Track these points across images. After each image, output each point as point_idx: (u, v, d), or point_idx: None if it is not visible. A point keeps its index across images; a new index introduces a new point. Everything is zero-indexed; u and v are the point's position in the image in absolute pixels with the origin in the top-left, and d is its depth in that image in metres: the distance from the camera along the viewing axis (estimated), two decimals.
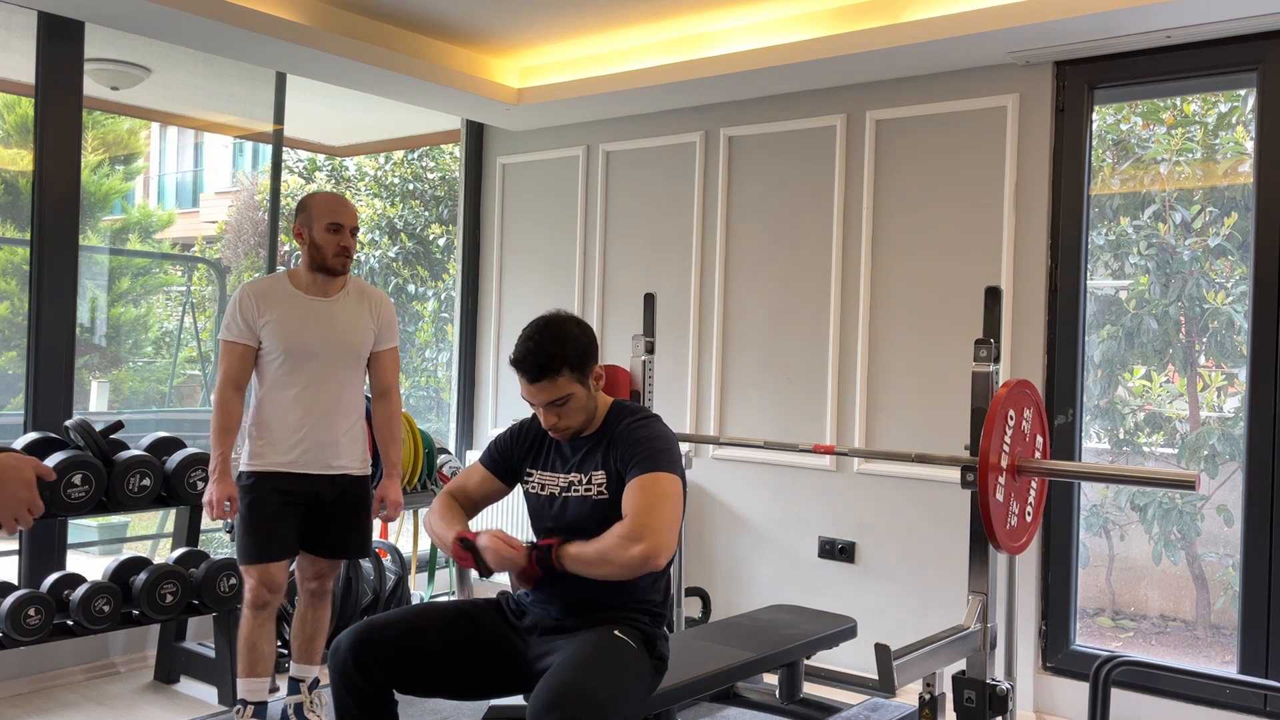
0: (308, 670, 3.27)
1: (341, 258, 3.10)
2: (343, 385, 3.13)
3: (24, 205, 3.80)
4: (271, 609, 3.08)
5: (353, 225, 3.13)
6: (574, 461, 2.44)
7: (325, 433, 3.09)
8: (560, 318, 2.41)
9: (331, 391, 3.10)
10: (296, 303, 3.09)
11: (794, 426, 4.25)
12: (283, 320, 3.06)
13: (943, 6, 3.52)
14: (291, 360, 3.06)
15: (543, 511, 2.49)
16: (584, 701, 2.06)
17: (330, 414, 3.10)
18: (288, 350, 3.06)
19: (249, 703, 3.08)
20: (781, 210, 4.32)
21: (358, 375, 3.19)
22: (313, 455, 3.08)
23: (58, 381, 3.74)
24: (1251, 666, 3.35)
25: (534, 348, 2.33)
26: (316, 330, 3.08)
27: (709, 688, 2.70)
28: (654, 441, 2.34)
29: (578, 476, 2.42)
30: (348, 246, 3.11)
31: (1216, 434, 3.79)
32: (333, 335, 3.10)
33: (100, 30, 3.80)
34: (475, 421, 5.32)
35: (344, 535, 3.20)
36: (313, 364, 3.08)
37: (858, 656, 3.71)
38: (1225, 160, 3.76)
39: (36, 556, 3.70)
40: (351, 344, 3.14)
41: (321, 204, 3.11)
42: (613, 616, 2.38)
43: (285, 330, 3.05)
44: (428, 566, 4.22)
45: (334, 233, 3.08)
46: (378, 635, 2.33)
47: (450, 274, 5.86)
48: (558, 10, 3.96)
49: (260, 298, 3.07)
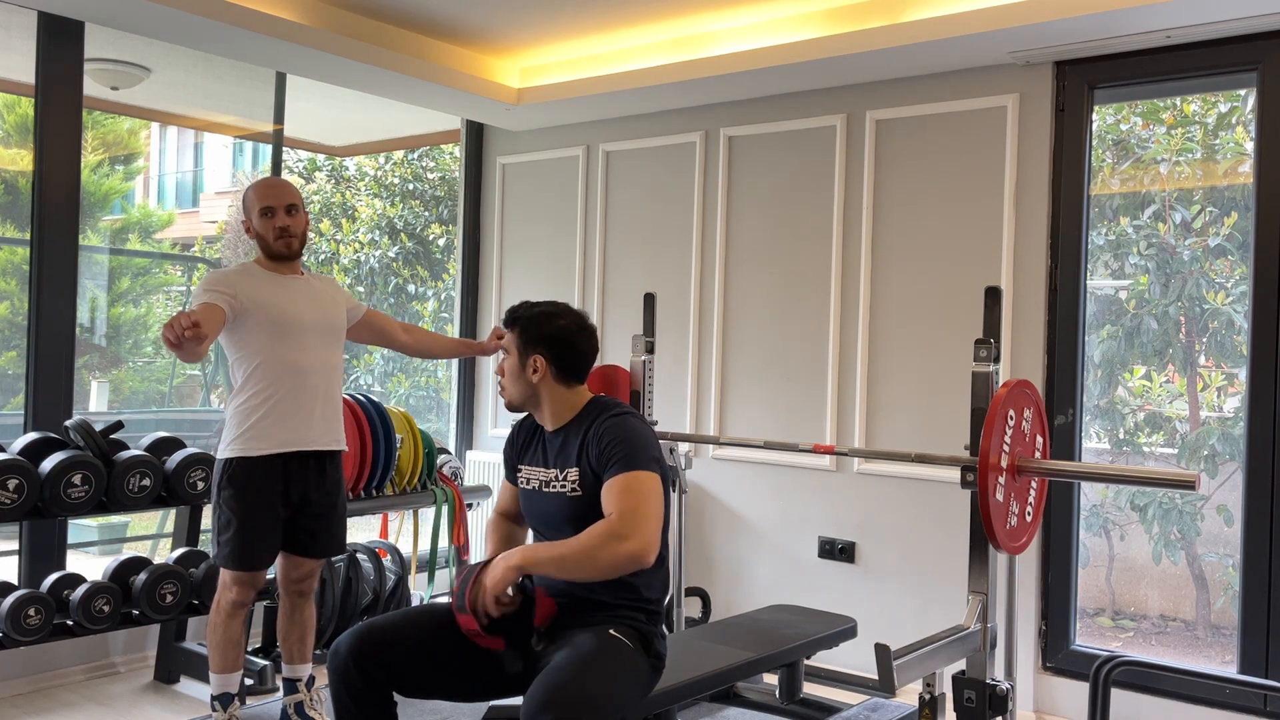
0: (301, 669, 3.26)
1: (283, 239, 3.04)
2: (336, 362, 3.14)
3: (24, 205, 3.80)
4: (250, 606, 3.11)
5: (286, 203, 3.04)
6: (553, 457, 2.47)
7: (329, 404, 3.09)
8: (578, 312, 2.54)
9: (326, 357, 3.10)
10: (271, 282, 3.05)
11: (794, 426, 4.25)
12: (264, 298, 3.00)
13: (943, 6, 3.52)
14: (283, 333, 3.00)
15: (531, 506, 2.52)
16: (578, 701, 2.06)
17: (330, 381, 3.10)
18: (277, 323, 2.99)
19: (232, 695, 3.12)
20: (781, 210, 4.32)
21: (341, 347, 3.19)
22: (321, 429, 3.06)
23: (58, 381, 3.74)
24: (1251, 666, 3.35)
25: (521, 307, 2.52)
26: (299, 303, 3.06)
27: (709, 688, 2.70)
28: (631, 440, 2.33)
29: (555, 472, 2.44)
30: (285, 226, 3.04)
31: (1216, 434, 3.79)
32: (314, 307, 3.08)
33: (100, 30, 3.80)
34: (475, 421, 5.32)
35: (327, 534, 3.15)
36: (304, 334, 3.04)
37: (858, 656, 3.71)
38: (1225, 160, 3.76)
39: (36, 556, 3.70)
40: (331, 313, 3.14)
41: (252, 193, 3.08)
42: (609, 615, 2.38)
43: (270, 305, 2.99)
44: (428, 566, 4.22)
45: (268, 217, 3.04)
46: (378, 637, 2.33)
47: (450, 274, 5.86)
48: (558, 10, 3.96)
49: (231, 281, 2.98)
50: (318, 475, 3.10)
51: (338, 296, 3.21)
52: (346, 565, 4.02)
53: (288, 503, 3.05)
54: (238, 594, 3.02)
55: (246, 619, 3.13)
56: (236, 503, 2.97)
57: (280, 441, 2.99)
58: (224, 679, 3.10)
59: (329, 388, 3.11)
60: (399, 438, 4.11)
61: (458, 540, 4.32)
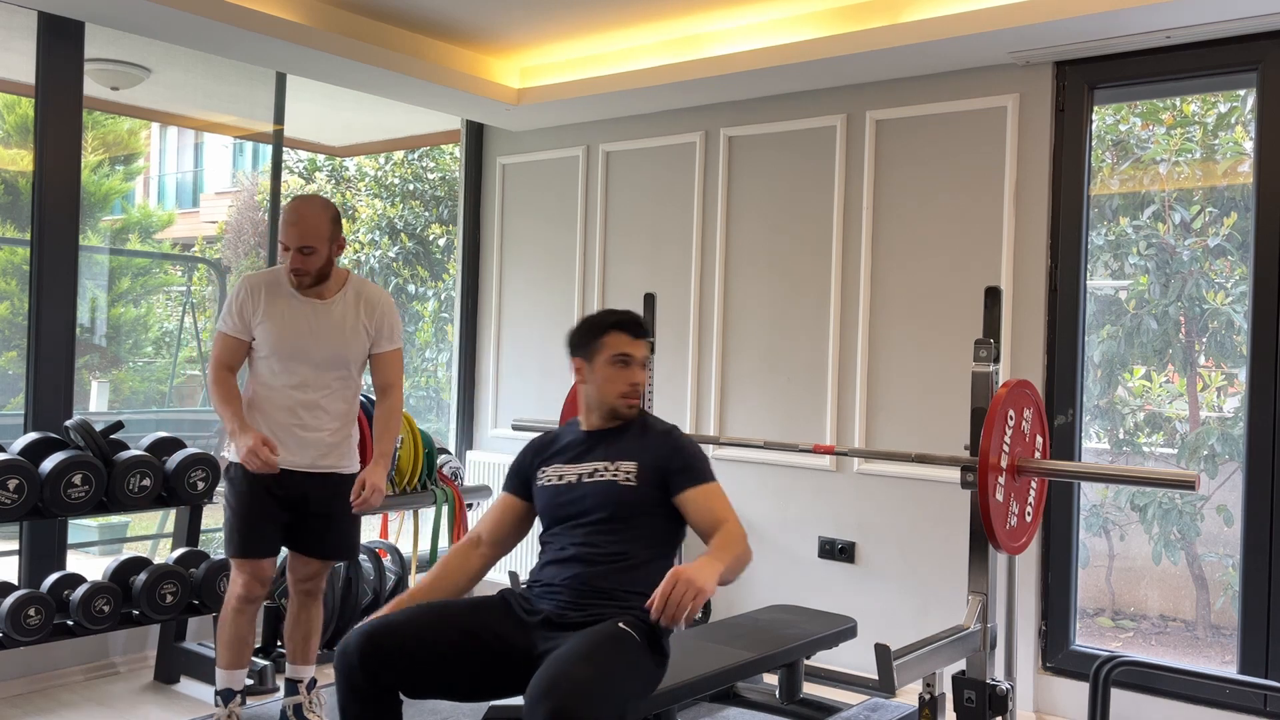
0: (303, 670, 3.27)
1: (296, 276, 3.03)
2: (332, 388, 3.11)
3: (24, 205, 3.80)
4: (259, 603, 3.13)
5: (300, 245, 2.97)
6: (597, 452, 2.62)
7: (312, 432, 3.08)
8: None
9: (320, 394, 3.09)
10: (292, 304, 3.07)
11: (794, 426, 4.25)
12: (276, 320, 3.05)
13: (943, 6, 3.52)
14: (281, 361, 3.06)
15: (558, 499, 2.60)
16: (577, 691, 2.07)
17: (318, 415, 3.08)
18: (276, 351, 3.05)
19: (235, 691, 3.15)
20: (782, 210, 4.32)
21: (350, 378, 3.16)
22: (298, 454, 3.06)
23: (58, 381, 3.74)
24: (1251, 666, 3.35)
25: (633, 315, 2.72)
26: (306, 334, 3.06)
27: (709, 688, 2.70)
28: (698, 454, 2.61)
29: (603, 464, 2.58)
30: (298, 268, 3.00)
31: (1216, 434, 3.79)
32: (322, 340, 3.07)
33: (100, 30, 3.80)
34: (475, 422, 5.32)
35: (334, 536, 3.17)
36: (301, 366, 3.06)
37: (858, 656, 3.71)
38: (1225, 160, 3.76)
39: (36, 556, 3.70)
40: (340, 350, 3.09)
41: (282, 214, 3.06)
42: (620, 606, 2.41)
43: (276, 331, 3.04)
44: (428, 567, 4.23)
45: (285, 249, 3.02)
46: (385, 637, 2.33)
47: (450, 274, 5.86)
48: (558, 10, 3.96)
49: (258, 293, 3.06)
50: (316, 480, 3.11)
51: (361, 326, 3.12)
52: (346, 565, 4.02)
53: (286, 502, 3.08)
54: (241, 586, 3.06)
55: (255, 618, 3.16)
56: (235, 499, 3.07)
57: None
58: (228, 675, 3.15)
59: (327, 415, 3.09)
60: (399, 438, 4.12)
61: (458, 540, 4.32)
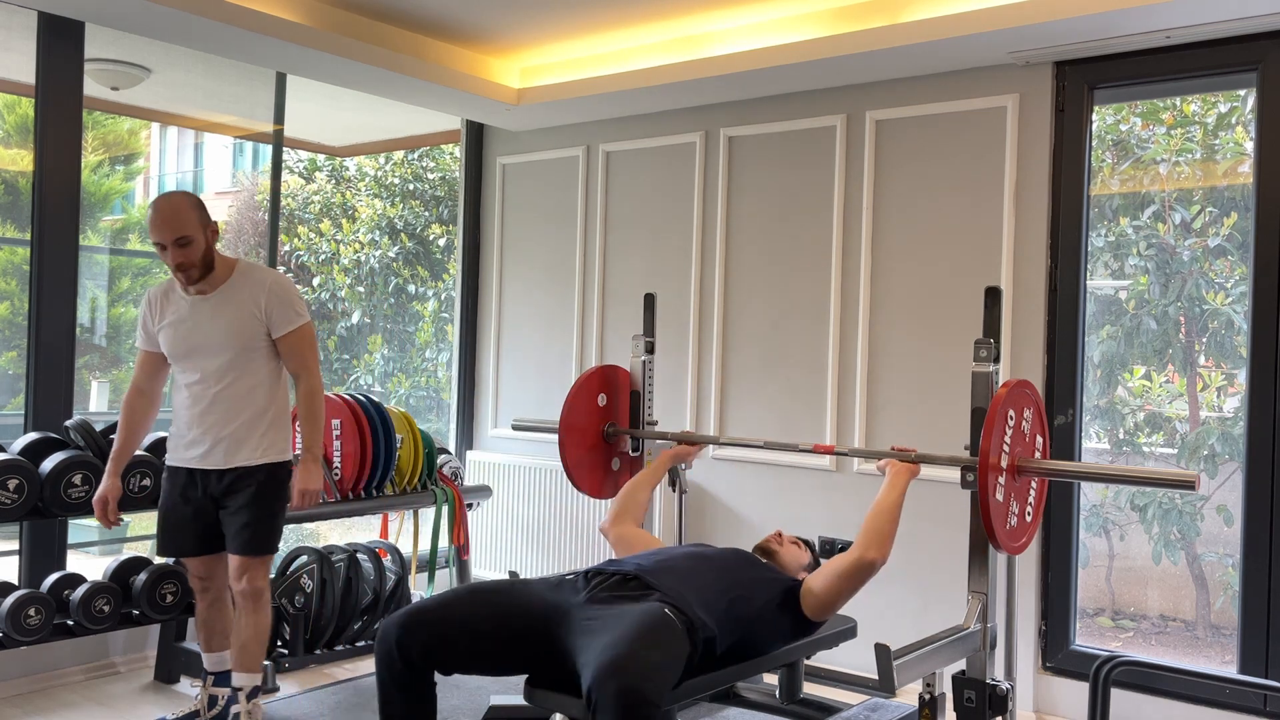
0: (242, 678, 3.15)
1: (180, 273, 3.00)
2: (229, 380, 3.06)
3: (24, 205, 3.80)
4: (210, 595, 3.24)
5: (175, 237, 2.93)
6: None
7: (220, 428, 3.06)
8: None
9: (219, 387, 3.06)
10: (180, 305, 3.10)
11: (794, 426, 4.25)
12: (169, 323, 3.10)
13: (943, 6, 3.52)
14: (178, 361, 3.11)
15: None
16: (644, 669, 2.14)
17: (222, 409, 3.07)
18: (172, 353, 3.11)
19: (210, 673, 3.29)
20: (781, 210, 4.32)
21: (254, 366, 3.09)
22: (206, 451, 3.07)
23: (58, 381, 3.75)
24: (1251, 666, 3.35)
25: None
26: (194, 330, 3.07)
27: (709, 688, 2.70)
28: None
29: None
30: (180, 263, 2.96)
31: (1216, 434, 3.79)
32: (209, 334, 3.05)
33: (100, 30, 3.80)
34: (475, 422, 5.32)
35: (242, 529, 3.07)
36: (197, 363, 3.07)
37: (858, 656, 3.71)
38: (1225, 160, 3.76)
39: (36, 556, 3.70)
40: (227, 340, 3.05)
41: (147, 221, 3.02)
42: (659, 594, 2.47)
43: (169, 334, 3.10)
44: (428, 566, 4.23)
45: (161, 251, 2.98)
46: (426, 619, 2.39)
47: (450, 274, 5.86)
48: (558, 10, 3.96)
49: (155, 303, 3.14)
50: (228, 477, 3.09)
51: (248, 312, 3.05)
52: (346, 565, 4.02)
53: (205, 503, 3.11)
54: (189, 578, 3.27)
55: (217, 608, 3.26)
56: (160, 499, 3.22)
57: (176, 458, 3.15)
58: (204, 657, 3.30)
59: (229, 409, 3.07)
60: (399, 438, 4.12)
61: (458, 540, 4.32)
